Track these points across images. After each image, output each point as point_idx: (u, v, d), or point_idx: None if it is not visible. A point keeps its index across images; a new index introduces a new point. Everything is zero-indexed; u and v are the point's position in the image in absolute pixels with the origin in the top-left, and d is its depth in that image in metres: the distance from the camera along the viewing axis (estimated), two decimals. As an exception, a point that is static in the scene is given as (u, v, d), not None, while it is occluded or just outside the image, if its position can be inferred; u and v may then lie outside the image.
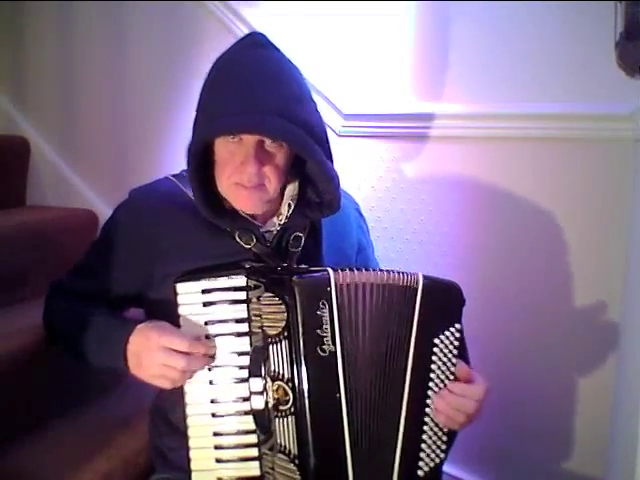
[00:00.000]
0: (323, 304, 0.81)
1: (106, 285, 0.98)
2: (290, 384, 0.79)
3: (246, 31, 1.52)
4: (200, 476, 0.85)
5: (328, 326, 0.80)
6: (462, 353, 0.91)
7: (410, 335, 0.87)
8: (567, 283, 1.31)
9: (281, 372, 0.80)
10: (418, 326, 0.87)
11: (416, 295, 0.87)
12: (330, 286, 0.82)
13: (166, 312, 0.87)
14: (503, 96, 1.34)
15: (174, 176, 1.00)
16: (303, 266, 0.91)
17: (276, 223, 0.95)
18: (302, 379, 0.79)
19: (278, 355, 0.81)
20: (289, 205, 0.95)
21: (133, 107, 1.73)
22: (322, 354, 0.80)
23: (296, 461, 0.79)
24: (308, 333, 0.79)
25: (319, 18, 1.51)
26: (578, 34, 1.24)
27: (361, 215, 1.12)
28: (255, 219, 0.94)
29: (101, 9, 1.72)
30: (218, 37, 1.56)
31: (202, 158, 0.87)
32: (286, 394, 0.79)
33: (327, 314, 0.81)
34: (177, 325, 0.86)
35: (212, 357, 0.84)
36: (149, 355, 0.83)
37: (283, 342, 0.80)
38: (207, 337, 0.85)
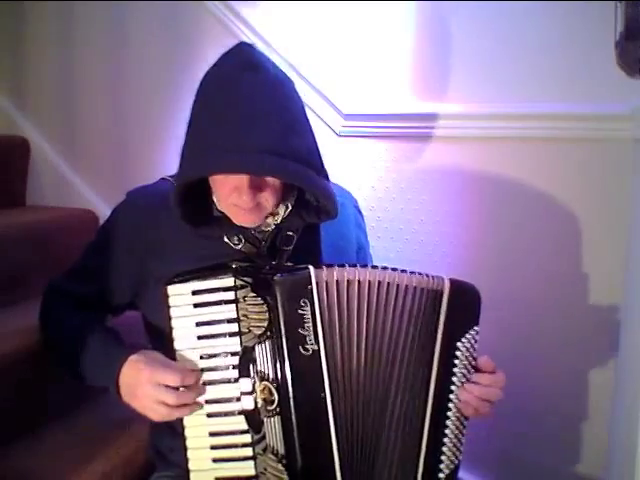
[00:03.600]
0: (304, 302, 0.80)
1: (103, 287, 0.98)
2: (275, 384, 0.79)
3: (246, 31, 1.52)
4: (198, 476, 0.85)
5: (310, 325, 0.80)
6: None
7: (435, 339, 0.87)
8: (567, 283, 1.31)
9: (266, 372, 0.80)
10: (444, 330, 0.87)
11: (442, 299, 0.88)
12: (311, 284, 0.81)
13: (161, 314, 0.86)
14: (503, 96, 1.34)
15: (172, 177, 0.99)
16: (288, 264, 0.90)
17: (271, 223, 0.94)
18: (286, 379, 0.79)
19: (263, 355, 0.81)
20: (286, 207, 0.94)
21: (133, 107, 1.73)
22: (305, 353, 0.79)
23: (283, 461, 0.79)
24: (290, 332, 0.79)
25: (319, 18, 1.51)
26: (578, 34, 1.24)
27: (359, 212, 1.11)
28: None
29: (101, 10, 1.72)
30: (218, 37, 1.56)
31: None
32: (271, 394, 0.79)
33: (309, 312, 0.80)
34: (169, 328, 0.85)
35: (203, 386, 0.84)
36: (140, 389, 0.83)
37: (267, 342, 0.80)
38: (199, 338, 0.85)
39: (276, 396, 0.79)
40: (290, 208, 0.94)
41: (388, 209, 1.49)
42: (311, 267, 0.82)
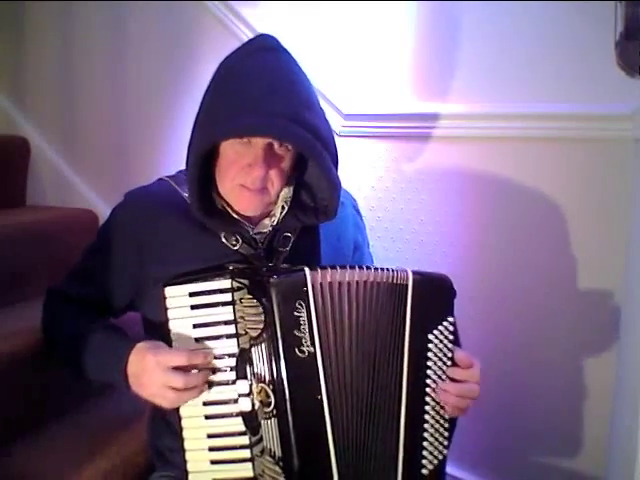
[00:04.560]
0: (300, 304, 0.80)
1: (102, 288, 0.98)
2: (271, 386, 0.79)
3: (246, 31, 1.52)
4: (197, 477, 0.85)
5: (306, 327, 0.80)
6: (456, 344, 0.91)
7: (404, 333, 0.86)
8: (567, 283, 1.31)
9: (263, 374, 0.80)
10: (411, 324, 0.86)
11: (407, 292, 0.87)
12: (307, 286, 0.81)
13: (159, 315, 0.86)
14: (503, 96, 1.34)
15: (170, 177, 1.00)
16: (285, 266, 0.90)
17: (268, 225, 0.95)
18: (282, 381, 0.78)
19: (260, 357, 0.81)
20: (282, 207, 0.94)
21: (133, 107, 1.73)
22: (301, 355, 0.79)
23: (280, 463, 0.79)
24: (285, 334, 0.79)
25: (319, 18, 1.51)
26: (578, 34, 1.24)
27: (358, 212, 1.11)
28: (248, 221, 0.94)
29: (101, 9, 1.72)
30: (218, 37, 1.56)
31: (203, 158, 0.87)
32: (268, 396, 0.79)
33: (304, 315, 0.80)
34: (167, 329, 0.85)
35: (210, 369, 0.84)
36: (147, 375, 0.83)
37: (263, 344, 0.80)
38: (196, 340, 0.85)
39: (273, 398, 0.79)
40: (286, 209, 0.95)
41: (388, 209, 1.49)
42: (306, 269, 0.82)
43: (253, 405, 0.81)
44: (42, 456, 1.07)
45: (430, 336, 0.87)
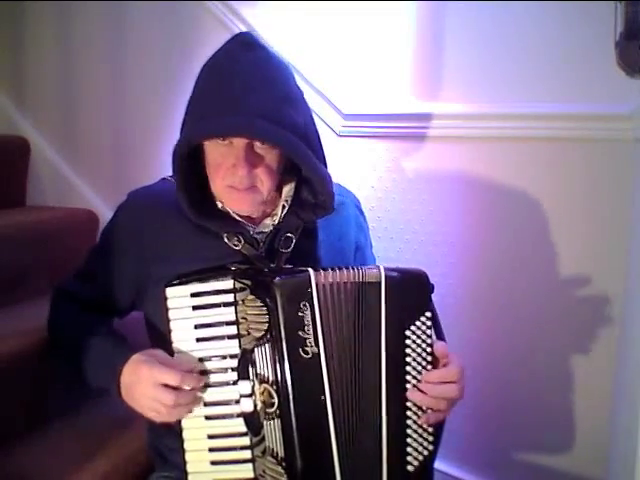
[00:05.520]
0: (304, 305, 0.80)
1: (105, 289, 0.99)
2: (275, 386, 0.79)
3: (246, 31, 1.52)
4: (196, 477, 0.85)
5: (310, 327, 0.80)
6: (439, 337, 0.90)
7: (380, 332, 0.86)
8: (567, 284, 1.31)
9: (266, 374, 0.80)
10: (386, 321, 0.86)
11: (380, 290, 0.86)
12: (311, 287, 0.81)
13: (161, 316, 0.87)
14: (503, 96, 1.33)
15: (172, 177, 1.00)
16: (288, 267, 0.90)
17: (269, 224, 0.95)
18: (286, 381, 0.79)
19: (263, 357, 0.81)
20: (283, 206, 0.95)
21: (133, 107, 1.73)
22: (305, 356, 0.80)
23: (283, 464, 0.79)
24: (290, 335, 0.79)
25: (319, 18, 1.51)
26: (578, 34, 1.24)
27: (361, 212, 1.11)
28: (249, 221, 0.94)
29: (101, 9, 1.72)
30: (218, 37, 1.55)
31: (194, 159, 0.87)
32: (271, 397, 0.80)
33: (309, 315, 0.80)
34: (168, 330, 0.86)
35: (204, 388, 0.84)
36: (140, 388, 0.83)
37: (267, 344, 0.80)
38: (197, 341, 0.85)
39: (276, 399, 0.79)
40: (287, 207, 0.95)
41: (388, 209, 1.49)
42: (311, 270, 0.82)
43: (255, 406, 0.82)
44: (42, 456, 1.07)
45: (407, 332, 0.87)
